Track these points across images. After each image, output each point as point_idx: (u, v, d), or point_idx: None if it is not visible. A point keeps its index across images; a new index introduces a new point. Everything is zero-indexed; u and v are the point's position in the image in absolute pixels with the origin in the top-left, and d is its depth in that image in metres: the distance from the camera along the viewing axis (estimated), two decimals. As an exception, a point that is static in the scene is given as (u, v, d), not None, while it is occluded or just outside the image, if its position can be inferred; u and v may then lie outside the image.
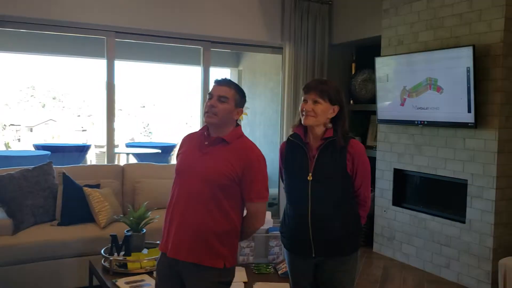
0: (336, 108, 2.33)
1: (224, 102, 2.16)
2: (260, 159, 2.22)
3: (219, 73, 8.42)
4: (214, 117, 2.16)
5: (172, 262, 2.20)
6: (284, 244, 2.51)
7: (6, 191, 3.74)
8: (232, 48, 6.35)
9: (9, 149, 11.25)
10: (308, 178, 2.31)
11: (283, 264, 3.13)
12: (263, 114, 7.20)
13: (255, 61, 7.79)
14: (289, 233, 2.45)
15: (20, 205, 3.74)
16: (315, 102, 2.29)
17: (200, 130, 2.32)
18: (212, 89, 2.22)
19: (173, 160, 7.77)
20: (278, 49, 5.88)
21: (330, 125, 2.34)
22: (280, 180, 2.59)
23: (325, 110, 2.30)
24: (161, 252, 2.29)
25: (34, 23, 4.61)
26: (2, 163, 5.40)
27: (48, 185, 3.98)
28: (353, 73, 6.16)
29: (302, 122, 2.33)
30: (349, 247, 2.38)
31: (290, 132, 2.45)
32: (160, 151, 7.65)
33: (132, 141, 11.51)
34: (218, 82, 2.23)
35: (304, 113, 2.31)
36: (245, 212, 2.28)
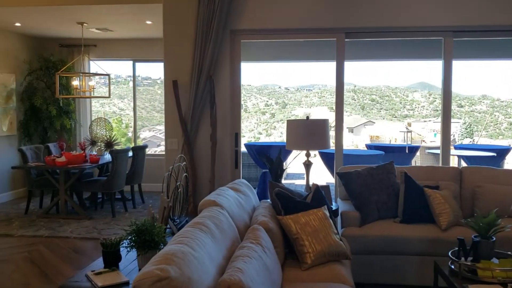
0: None
1: None
2: None
3: None
4: None
5: None
6: None
7: (354, 186, 4.16)
8: None
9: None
10: None
11: None
12: None
13: None
14: None
15: (366, 200, 4.10)
16: None
17: None
18: None
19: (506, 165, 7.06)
20: None
21: None
22: None
23: None
24: None
25: (379, 31, 4.98)
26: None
27: (391, 183, 4.22)
28: None
29: None
30: None
31: None
32: (495, 154, 7.06)
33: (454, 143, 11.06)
34: None
35: None
36: None
